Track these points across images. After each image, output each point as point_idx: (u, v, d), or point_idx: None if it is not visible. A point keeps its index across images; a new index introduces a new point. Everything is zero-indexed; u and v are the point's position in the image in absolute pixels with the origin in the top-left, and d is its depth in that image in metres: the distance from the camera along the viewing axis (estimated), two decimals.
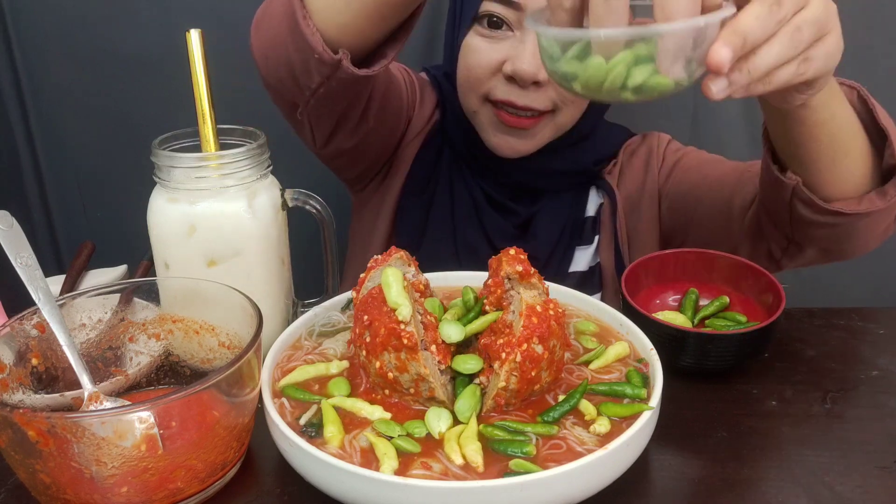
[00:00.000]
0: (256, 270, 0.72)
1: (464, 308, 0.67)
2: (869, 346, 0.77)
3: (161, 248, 0.71)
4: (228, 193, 0.69)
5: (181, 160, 0.69)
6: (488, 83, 0.92)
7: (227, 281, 0.66)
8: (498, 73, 0.91)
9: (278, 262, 0.74)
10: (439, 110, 1.06)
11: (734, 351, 0.70)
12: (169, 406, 0.53)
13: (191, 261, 0.70)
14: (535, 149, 0.96)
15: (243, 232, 0.70)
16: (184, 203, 0.69)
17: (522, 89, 0.90)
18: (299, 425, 0.58)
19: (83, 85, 1.35)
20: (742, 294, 0.79)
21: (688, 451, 0.63)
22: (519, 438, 0.56)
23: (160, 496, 0.55)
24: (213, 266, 0.70)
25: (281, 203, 0.73)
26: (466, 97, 0.96)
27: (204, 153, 0.71)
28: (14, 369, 0.61)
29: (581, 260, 1.03)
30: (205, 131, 0.71)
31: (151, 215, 0.71)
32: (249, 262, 0.71)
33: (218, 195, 0.69)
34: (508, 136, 0.95)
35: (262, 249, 0.71)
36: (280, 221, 0.73)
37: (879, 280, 1.39)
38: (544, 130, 0.95)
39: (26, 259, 0.63)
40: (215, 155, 0.70)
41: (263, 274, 0.73)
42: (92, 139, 1.40)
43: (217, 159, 0.69)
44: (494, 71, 0.91)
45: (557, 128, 0.96)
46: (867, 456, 0.59)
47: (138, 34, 1.31)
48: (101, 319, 0.68)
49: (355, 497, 0.53)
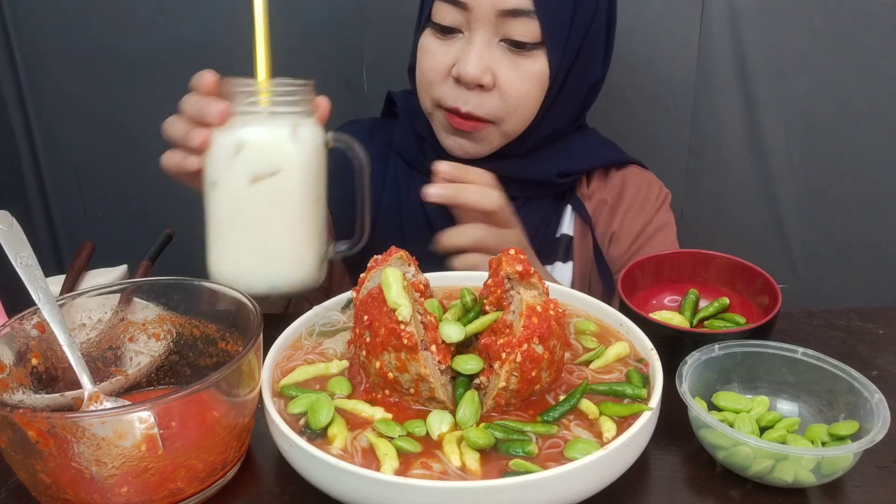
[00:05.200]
0: (295, 193, 0.75)
1: (463, 309, 0.67)
2: (868, 346, 0.77)
3: (210, 169, 0.75)
4: (275, 121, 0.73)
5: (236, 83, 0.74)
6: (440, 87, 0.93)
7: (267, 199, 0.73)
8: (449, 76, 0.91)
9: (315, 194, 0.77)
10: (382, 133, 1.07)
11: None
12: (169, 406, 0.53)
13: (236, 178, 0.74)
14: (486, 153, 0.96)
15: (285, 153, 0.73)
16: (235, 126, 0.73)
17: (469, 92, 0.90)
18: (299, 425, 0.58)
19: (83, 85, 1.35)
20: (740, 295, 0.79)
21: (688, 452, 0.63)
22: (519, 438, 0.56)
23: (160, 496, 0.55)
24: (255, 182, 0.73)
25: (324, 140, 0.77)
26: (423, 99, 0.97)
27: (258, 79, 0.75)
28: (14, 369, 0.61)
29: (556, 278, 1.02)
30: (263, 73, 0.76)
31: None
32: (289, 183, 0.74)
33: (265, 121, 0.73)
34: (459, 139, 0.95)
35: (301, 174, 0.74)
36: (320, 155, 0.77)
37: (879, 280, 1.39)
38: (491, 136, 0.94)
39: (26, 259, 0.63)
40: (268, 82, 0.75)
41: (301, 199, 0.75)
42: (92, 139, 1.40)
43: (269, 86, 0.74)
44: (445, 74, 0.92)
45: (505, 135, 0.95)
46: (867, 456, 0.59)
47: (138, 35, 1.31)
48: (101, 319, 0.68)
49: (355, 497, 0.53)
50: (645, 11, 1.25)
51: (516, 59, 0.90)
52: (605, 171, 1.05)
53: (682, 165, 1.35)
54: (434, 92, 0.93)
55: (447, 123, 0.94)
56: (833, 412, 0.63)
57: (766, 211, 1.36)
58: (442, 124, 0.96)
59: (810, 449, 0.58)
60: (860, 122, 1.29)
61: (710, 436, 0.59)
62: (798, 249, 1.38)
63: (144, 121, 1.38)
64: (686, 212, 1.38)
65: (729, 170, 1.34)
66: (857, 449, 0.55)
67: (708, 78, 1.28)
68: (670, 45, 1.26)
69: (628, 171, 1.06)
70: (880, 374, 0.73)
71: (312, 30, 1.32)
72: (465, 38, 0.90)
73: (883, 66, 1.25)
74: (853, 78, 1.26)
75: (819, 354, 0.64)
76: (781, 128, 1.30)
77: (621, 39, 1.24)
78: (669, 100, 1.30)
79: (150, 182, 1.43)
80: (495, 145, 0.96)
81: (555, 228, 1.03)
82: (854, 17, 1.22)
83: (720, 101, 1.29)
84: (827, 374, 0.63)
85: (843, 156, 1.32)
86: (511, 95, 0.91)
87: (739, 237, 1.38)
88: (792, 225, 1.37)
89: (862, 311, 0.83)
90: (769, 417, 0.62)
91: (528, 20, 0.87)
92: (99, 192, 1.46)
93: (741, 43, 1.24)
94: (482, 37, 0.89)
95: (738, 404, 0.63)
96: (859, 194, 1.34)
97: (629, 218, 1.03)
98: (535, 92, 0.92)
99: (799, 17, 1.22)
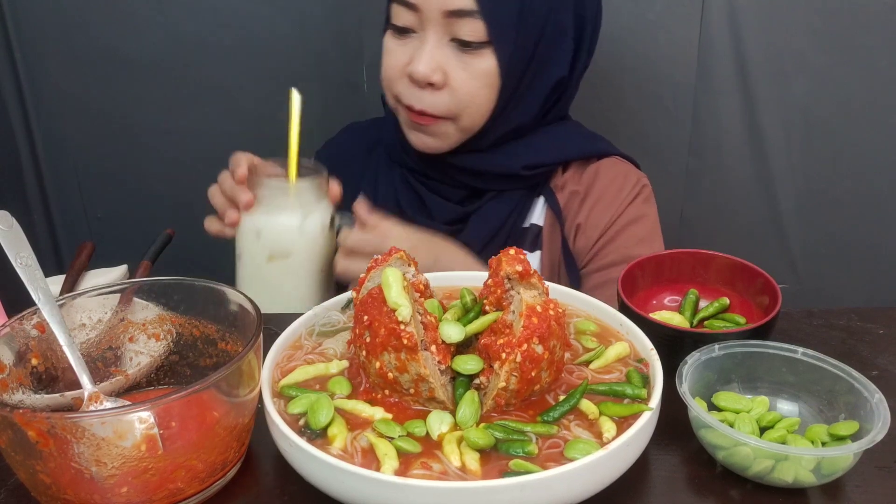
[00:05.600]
0: (303, 269, 0.91)
1: (463, 309, 0.67)
2: (868, 346, 0.77)
3: (238, 243, 0.93)
4: (289, 212, 0.90)
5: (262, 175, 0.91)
6: (398, 85, 0.96)
7: (280, 274, 0.90)
8: (405, 75, 0.94)
9: (321, 265, 0.92)
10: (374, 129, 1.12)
11: None
12: (169, 406, 0.53)
13: (257, 255, 0.91)
14: (447, 147, 0.99)
15: (293, 241, 0.90)
16: (258, 212, 0.90)
17: (422, 90, 0.93)
18: (299, 425, 0.58)
19: (83, 85, 1.36)
20: (740, 295, 0.79)
21: (688, 452, 0.63)
22: (519, 438, 0.56)
23: (160, 496, 0.55)
24: (272, 261, 0.90)
25: (330, 222, 0.92)
26: (387, 97, 1.00)
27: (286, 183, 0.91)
28: (14, 369, 0.61)
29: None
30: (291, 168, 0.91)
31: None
32: (297, 263, 0.90)
33: (281, 211, 0.90)
34: (419, 134, 0.98)
35: (308, 255, 0.91)
36: (326, 235, 0.92)
37: (879, 280, 1.39)
38: (448, 131, 0.97)
39: (26, 259, 0.63)
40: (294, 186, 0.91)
41: (307, 273, 0.92)
42: (92, 139, 1.40)
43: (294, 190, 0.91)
44: (402, 72, 0.94)
45: (462, 130, 0.97)
46: (867, 456, 0.59)
47: (138, 35, 1.31)
48: (101, 319, 0.68)
49: (355, 497, 0.53)
50: (645, 11, 1.25)
51: (465, 58, 0.92)
52: (584, 162, 1.05)
53: (682, 165, 1.35)
54: (394, 89, 0.97)
55: (408, 119, 0.97)
56: (833, 412, 0.63)
57: (766, 211, 1.36)
58: (404, 120, 0.99)
59: (810, 449, 0.58)
60: (860, 122, 1.29)
61: (710, 436, 0.59)
62: (798, 249, 1.38)
63: (144, 121, 1.39)
64: (686, 212, 1.38)
65: (729, 170, 1.34)
66: (857, 449, 0.55)
67: (708, 78, 1.28)
68: (670, 45, 1.26)
69: (604, 163, 1.05)
70: (880, 374, 0.73)
71: (312, 30, 1.32)
72: (419, 38, 0.93)
73: (882, 66, 1.25)
74: (853, 78, 1.26)
75: (819, 354, 0.64)
76: (781, 128, 1.30)
77: (621, 39, 1.24)
78: (669, 100, 1.30)
79: (150, 182, 1.43)
80: (454, 140, 0.98)
81: (524, 218, 1.04)
82: (854, 17, 1.22)
83: (720, 101, 1.29)
84: (827, 374, 0.63)
85: (843, 156, 1.32)
86: (461, 93, 0.93)
87: (739, 237, 1.38)
88: (792, 225, 1.37)
89: (862, 311, 0.83)
90: (769, 417, 0.62)
91: (473, 20, 0.90)
92: (99, 192, 1.46)
93: (741, 43, 1.24)
94: (433, 37, 0.92)
95: (738, 404, 0.63)
96: (859, 194, 1.34)
97: (598, 210, 1.02)
98: (485, 89, 0.94)
99: (799, 17, 1.22)
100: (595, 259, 1.02)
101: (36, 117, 1.39)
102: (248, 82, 1.34)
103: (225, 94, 1.34)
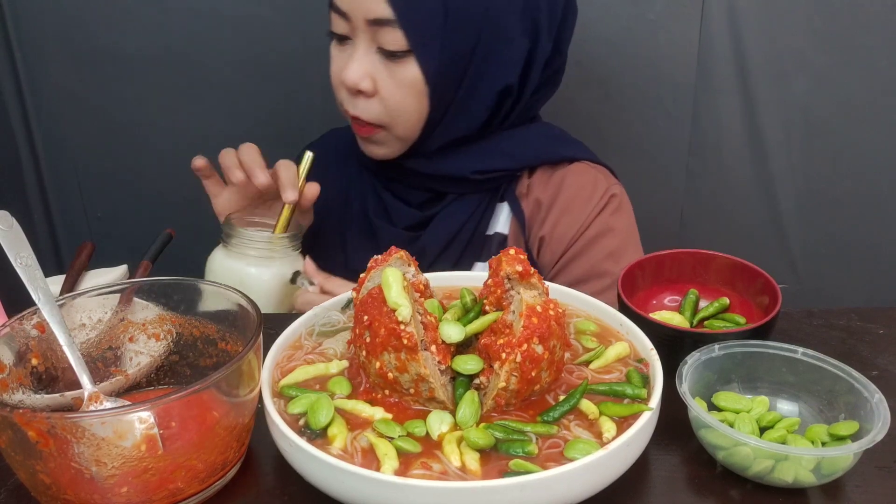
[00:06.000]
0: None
1: (463, 309, 0.67)
2: (868, 346, 0.77)
3: (208, 268, 0.98)
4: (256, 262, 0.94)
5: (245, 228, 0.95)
6: (340, 93, 0.96)
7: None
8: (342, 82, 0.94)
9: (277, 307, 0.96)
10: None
11: None
12: (169, 406, 0.53)
13: (220, 280, 0.93)
14: (392, 155, 0.98)
15: (254, 288, 0.93)
16: (231, 256, 0.95)
17: (356, 98, 0.93)
18: (299, 425, 0.58)
19: (83, 85, 1.36)
20: (740, 295, 0.79)
21: (688, 452, 0.63)
22: (519, 438, 0.56)
23: (160, 496, 0.55)
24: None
25: (290, 279, 0.95)
26: (337, 103, 1.00)
27: (265, 233, 0.95)
28: (14, 369, 0.61)
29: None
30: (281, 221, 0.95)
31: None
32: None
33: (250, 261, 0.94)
34: (363, 141, 0.98)
35: (268, 303, 0.95)
36: (284, 290, 0.95)
37: (879, 280, 1.39)
38: (388, 140, 0.96)
39: (26, 259, 0.63)
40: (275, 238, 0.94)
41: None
42: (92, 139, 1.40)
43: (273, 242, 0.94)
44: (340, 80, 0.94)
45: (400, 139, 0.96)
46: (867, 456, 0.59)
47: (138, 34, 1.31)
48: (101, 319, 0.68)
49: (355, 497, 0.53)
50: (645, 11, 1.25)
51: (391, 67, 0.91)
52: (551, 167, 1.02)
53: (682, 165, 1.35)
54: (338, 96, 0.97)
55: (352, 126, 0.98)
56: (833, 412, 0.63)
57: (766, 211, 1.36)
58: (352, 127, 0.99)
59: (810, 449, 0.58)
60: (860, 122, 1.29)
61: (710, 436, 0.59)
62: (798, 249, 1.38)
63: (145, 120, 1.39)
64: (686, 212, 1.38)
65: (729, 170, 1.34)
66: (857, 449, 0.55)
67: (708, 78, 1.28)
68: (670, 45, 1.26)
69: (572, 169, 1.02)
70: (880, 374, 0.73)
71: (312, 30, 1.32)
72: (353, 46, 0.93)
73: (882, 66, 1.25)
74: (853, 78, 1.26)
75: (819, 354, 0.64)
76: (781, 128, 1.30)
77: (621, 39, 1.24)
78: (669, 100, 1.30)
79: (150, 182, 1.43)
80: (396, 148, 0.98)
81: (487, 226, 1.02)
82: (854, 17, 1.22)
83: (720, 101, 1.29)
84: (827, 374, 0.63)
85: (843, 156, 1.32)
86: (390, 101, 0.93)
87: (739, 237, 1.38)
88: (792, 225, 1.37)
89: (862, 311, 0.83)
90: (769, 417, 0.62)
91: (393, 29, 0.88)
92: (99, 192, 1.46)
93: (741, 43, 1.24)
94: (362, 45, 0.91)
95: (738, 404, 0.63)
96: (859, 194, 1.34)
97: (563, 223, 0.99)
98: (411, 98, 0.92)
99: (799, 18, 1.22)
100: (562, 274, 0.99)
101: (36, 117, 1.39)
102: (247, 82, 1.34)
103: (225, 93, 1.34)
